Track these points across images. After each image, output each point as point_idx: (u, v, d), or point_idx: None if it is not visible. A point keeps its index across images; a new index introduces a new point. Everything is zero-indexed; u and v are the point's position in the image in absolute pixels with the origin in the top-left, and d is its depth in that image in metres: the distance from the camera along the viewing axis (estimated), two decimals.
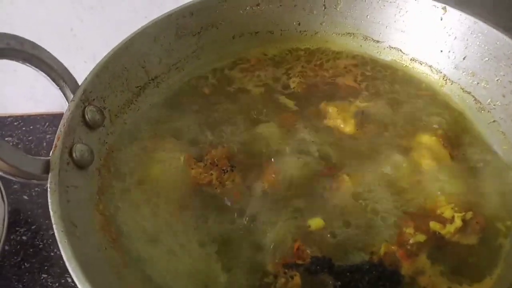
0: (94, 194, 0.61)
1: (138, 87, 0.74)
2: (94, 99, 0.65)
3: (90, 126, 0.63)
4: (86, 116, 0.63)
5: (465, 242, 0.59)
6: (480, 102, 0.74)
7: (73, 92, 0.63)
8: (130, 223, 0.61)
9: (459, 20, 0.73)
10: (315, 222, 0.59)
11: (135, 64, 0.73)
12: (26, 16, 0.98)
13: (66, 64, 0.63)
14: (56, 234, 0.49)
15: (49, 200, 0.52)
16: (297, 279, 0.55)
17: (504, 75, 0.69)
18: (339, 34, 0.86)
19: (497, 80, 0.70)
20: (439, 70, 0.79)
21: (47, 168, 0.55)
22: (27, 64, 0.59)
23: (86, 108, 0.63)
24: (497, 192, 0.64)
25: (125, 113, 0.72)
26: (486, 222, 0.60)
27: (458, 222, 0.59)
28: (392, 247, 0.58)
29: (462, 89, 0.76)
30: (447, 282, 0.57)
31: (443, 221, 0.60)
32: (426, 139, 0.70)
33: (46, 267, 0.87)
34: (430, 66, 0.80)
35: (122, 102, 0.71)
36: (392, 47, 0.83)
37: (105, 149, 0.66)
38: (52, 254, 0.89)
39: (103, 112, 0.66)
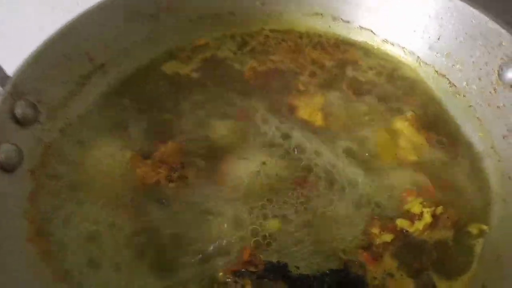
0: (24, 200, 0.54)
1: (81, 76, 0.67)
2: (26, 93, 0.58)
3: (21, 123, 0.57)
4: (16, 112, 0.56)
5: (435, 239, 0.54)
6: (455, 86, 0.68)
7: (2, 85, 0.56)
8: (66, 231, 0.54)
9: None
10: (272, 225, 0.53)
11: (78, 51, 0.66)
12: None
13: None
14: None
15: None
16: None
17: (480, 56, 0.63)
18: (306, 15, 0.79)
19: (473, 61, 0.65)
20: (412, 52, 0.73)
21: None
22: None
23: (16, 103, 0.56)
24: (470, 182, 0.59)
25: (67, 106, 0.65)
26: (458, 217, 0.55)
27: (427, 218, 0.54)
28: (357, 250, 0.52)
29: (437, 71, 0.70)
30: (417, 285, 0.52)
31: (411, 217, 0.54)
32: (400, 125, 0.65)
33: None
34: (403, 48, 0.74)
35: (63, 94, 0.64)
36: (363, 28, 0.77)
37: (40, 148, 0.59)
38: None
39: (37, 107, 0.59)
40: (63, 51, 0.63)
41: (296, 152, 0.61)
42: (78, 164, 0.61)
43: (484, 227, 0.54)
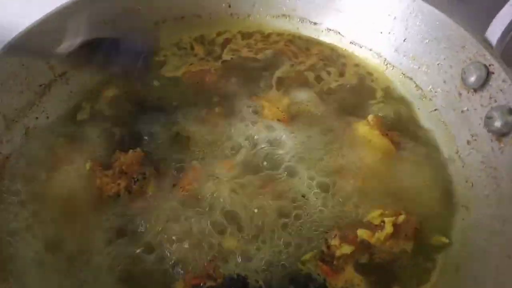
0: None
1: (42, 85, 0.65)
2: None
3: None
4: None
5: (397, 249, 0.53)
6: (421, 89, 0.67)
7: None
8: (21, 249, 0.53)
9: None
10: (228, 242, 0.52)
11: (37, 59, 0.64)
12: None
13: None
14: None
15: None
16: None
17: (445, 59, 0.63)
18: (273, 16, 0.78)
19: (438, 64, 0.64)
20: (379, 54, 0.72)
21: None
22: None
23: None
24: (434, 189, 0.59)
25: (27, 116, 0.63)
26: (420, 226, 0.55)
27: (388, 228, 0.53)
28: (317, 262, 0.51)
29: (404, 74, 0.70)
30: None
31: (372, 227, 0.53)
32: (363, 129, 0.64)
33: None
34: (370, 50, 0.73)
35: (21, 104, 0.63)
36: (330, 29, 0.76)
37: None
38: None
39: None
40: (20, 60, 0.62)
41: (263, 163, 0.60)
42: (37, 177, 0.59)
43: (446, 240, 0.54)
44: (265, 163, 0.60)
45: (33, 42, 0.63)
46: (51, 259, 0.53)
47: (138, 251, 0.53)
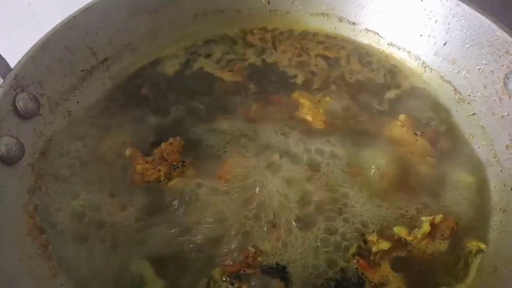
0: (24, 194, 0.54)
1: (84, 70, 0.67)
2: (28, 85, 0.57)
3: (22, 116, 0.56)
4: (17, 104, 0.55)
5: (433, 248, 0.54)
6: (460, 93, 0.67)
7: (3, 76, 0.56)
8: (65, 226, 0.54)
9: (440, 2, 0.67)
10: (267, 233, 0.53)
11: (81, 44, 0.66)
12: None
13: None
14: None
15: None
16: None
17: (486, 64, 0.63)
18: (312, 15, 0.79)
19: (478, 69, 0.64)
20: (418, 56, 0.72)
21: None
22: None
23: (18, 95, 0.56)
24: (471, 191, 0.59)
25: (68, 100, 0.65)
26: (458, 226, 0.55)
27: (425, 227, 0.53)
28: (354, 257, 0.52)
29: (442, 77, 0.70)
30: None
31: (410, 226, 0.54)
32: (396, 129, 0.65)
33: None
34: (409, 52, 0.73)
35: (64, 88, 0.64)
36: (369, 30, 0.76)
37: (41, 141, 0.59)
38: None
39: (39, 100, 0.59)
40: (66, 44, 0.63)
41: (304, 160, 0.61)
42: (79, 158, 0.60)
43: (483, 245, 0.54)
44: (304, 160, 0.61)
45: (77, 29, 0.65)
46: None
47: (173, 231, 0.54)
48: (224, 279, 0.50)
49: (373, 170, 0.59)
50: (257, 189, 0.57)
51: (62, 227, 0.54)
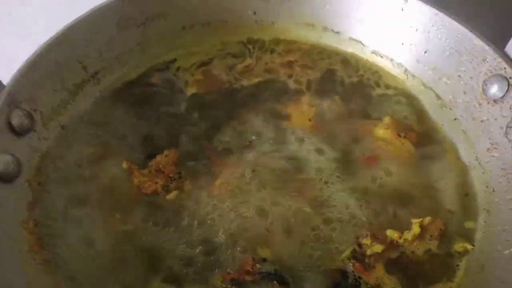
0: (23, 211, 0.54)
1: (75, 84, 0.67)
2: (21, 102, 0.58)
3: (17, 132, 0.56)
4: (12, 122, 0.56)
5: (423, 249, 0.57)
6: (441, 99, 0.71)
7: None
8: (66, 240, 0.55)
9: (420, 11, 0.70)
10: (264, 252, 0.55)
11: (71, 59, 0.66)
12: None
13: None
14: None
15: None
16: None
17: (465, 71, 0.66)
18: (297, 24, 0.81)
19: (458, 75, 0.67)
20: (400, 64, 0.75)
21: None
22: None
23: (12, 112, 0.56)
24: (456, 193, 0.62)
25: (61, 114, 0.65)
26: (445, 227, 0.58)
27: (415, 229, 0.56)
28: (350, 261, 0.54)
29: (424, 84, 0.73)
30: None
31: (400, 228, 0.57)
32: (381, 131, 0.68)
33: None
34: (391, 60, 0.76)
35: (56, 102, 0.64)
36: (353, 39, 0.79)
37: (36, 157, 0.59)
38: None
39: (33, 116, 0.59)
40: (56, 59, 0.63)
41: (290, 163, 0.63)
42: (74, 172, 0.61)
43: (469, 246, 0.57)
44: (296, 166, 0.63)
45: (68, 44, 0.65)
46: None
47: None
48: (224, 286, 0.52)
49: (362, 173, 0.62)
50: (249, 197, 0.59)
51: (63, 242, 0.54)
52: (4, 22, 0.92)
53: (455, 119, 0.68)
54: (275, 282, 0.52)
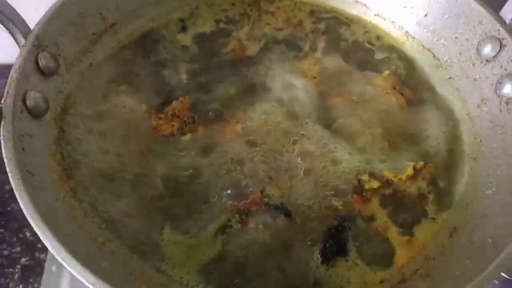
0: (51, 144, 0.59)
1: (94, 34, 0.71)
2: (47, 45, 0.62)
3: (44, 73, 0.60)
4: (40, 63, 0.59)
5: (415, 188, 0.63)
6: (438, 59, 0.75)
7: (25, 37, 0.60)
8: (88, 173, 0.60)
9: None
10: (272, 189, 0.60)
11: (92, 9, 0.70)
12: None
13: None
14: (12, 183, 0.48)
15: (3, 149, 0.50)
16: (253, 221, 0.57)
17: (462, 33, 0.71)
18: None
19: (455, 37, 0.72)
20: (401, 26, 0.80)
21: None
22: None
23: (39, 54, 0.60)
24: (445, 142, 0.68)
25: (81, 61, 0.69)
26: (436, 172, 0.64)
27: (409, 171, 0.62)
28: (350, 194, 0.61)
29: (423, 45, 0.78)
30: (395, 227, 0.60)
31: (396, 169, 0.63)
32: (381, 82, 0.73)
33: (3, 222, 0.85)
34: (393, 22, 0.81)
35: (77, 50, 0.68)
36: (358, 1, 0.83)
37: (60, 98, 0.63)
38: (8, 209, 0.87)
39: (58, 60, 0.63)
40: (78, 8, 0.67)
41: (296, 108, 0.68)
42: (96, 113, 0.66)
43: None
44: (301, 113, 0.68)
45: None
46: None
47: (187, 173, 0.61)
48: (233, 216, 0.58)
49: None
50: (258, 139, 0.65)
51: (87, 172, 0.60)
52: None
53: (450, 77, 0.73)
54: (280, 213, 0.58)
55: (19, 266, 0.82)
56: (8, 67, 0.56)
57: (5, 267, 0.82)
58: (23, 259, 0.82)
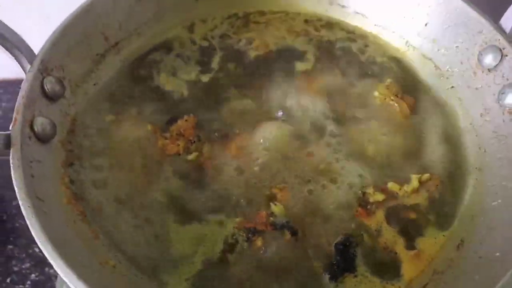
0: (59, 168, 0.60)
1: (98, 54, 0.72)
2: (52, 69, 0.62)
3: (50, 98, 0.61)
4: (46, 87, 0.60)
5: (420, 202, 0.63)
6: (439, 69, 0.76)
7: (30, 62, 0.60)
8: (97, 195, 0.60)
9: None
10: (277, 208, 0.61)
11: (95, 29, 0.70)
12: None
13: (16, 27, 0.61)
14: (23, 211, 0.49)
15: (13, 177, 0.51)
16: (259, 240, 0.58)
17: (462, 42, 0.71)
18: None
19: (456, 47, 0.73)
20: (401, 36, 0.80)
21: (8, 143, 0.53)
22: None
23: (45, 79, 0.60)
24: (449, 153, 0.68)
25: (87, 82, 0.70)
26: (441, 183, 0.64)
27: (414, 183, 0.63)
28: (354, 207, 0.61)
29: (424, 55, 0.78)
30: (402, 240, 0.61)
31: (401, 182, 0.63)
32: (382, 90, 0.74)
33: (11, 238, 0.86)
34: (393, 32, 0.81)
35: (83, 71, 0.69)
36: (358, 12, 0.83)
37: (67, 121, 0.64)
38: (17, 225, 0.88)
39: (63, 83, 0.64)
40: (83, 29, 0.68)
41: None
42: (102, 135, 0.66)
43: None
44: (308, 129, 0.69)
45: (93, 14, 0.69)
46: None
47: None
48: (240, 233, 0.59)
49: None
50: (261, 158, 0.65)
51: (95, 196, 0.60)
52: None
53: (452, 87, 0.74)
54: (286, 231, 0.58)
55: (29, 282, 0.83)
56: (11, 82, 0.57)
57: (16, 283, 0.83)
58: (33, 275, 0.83)
